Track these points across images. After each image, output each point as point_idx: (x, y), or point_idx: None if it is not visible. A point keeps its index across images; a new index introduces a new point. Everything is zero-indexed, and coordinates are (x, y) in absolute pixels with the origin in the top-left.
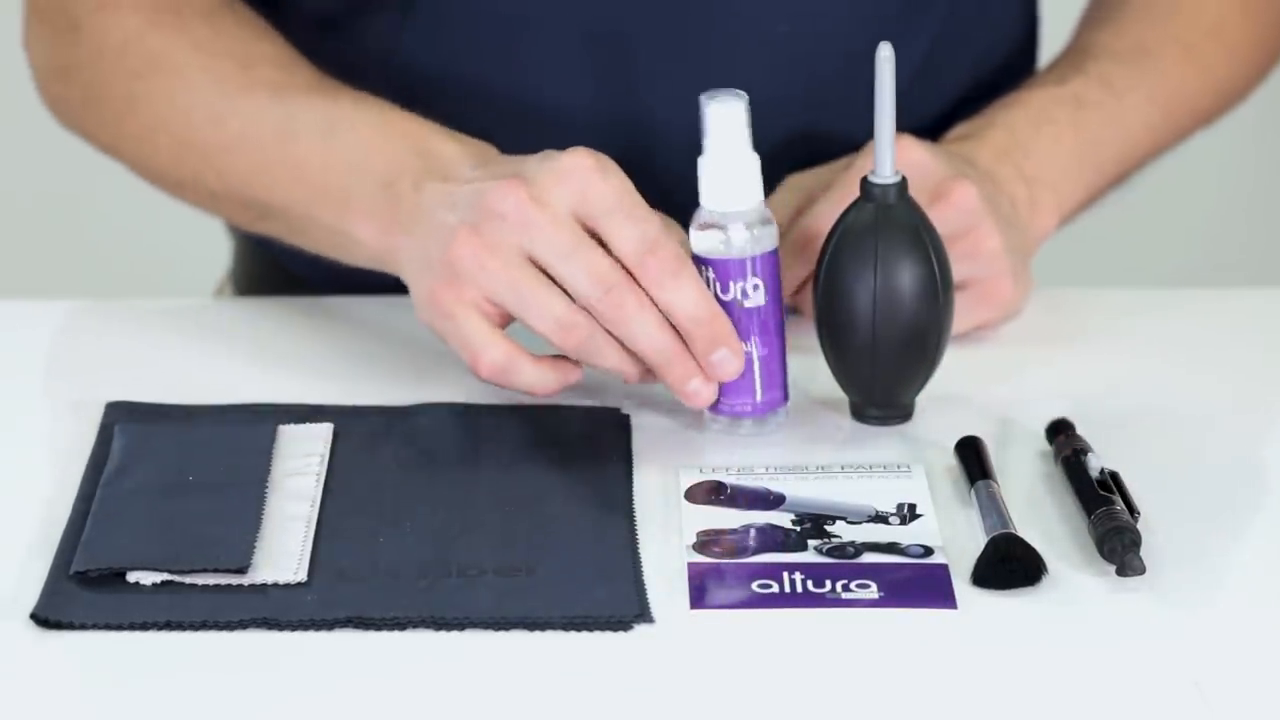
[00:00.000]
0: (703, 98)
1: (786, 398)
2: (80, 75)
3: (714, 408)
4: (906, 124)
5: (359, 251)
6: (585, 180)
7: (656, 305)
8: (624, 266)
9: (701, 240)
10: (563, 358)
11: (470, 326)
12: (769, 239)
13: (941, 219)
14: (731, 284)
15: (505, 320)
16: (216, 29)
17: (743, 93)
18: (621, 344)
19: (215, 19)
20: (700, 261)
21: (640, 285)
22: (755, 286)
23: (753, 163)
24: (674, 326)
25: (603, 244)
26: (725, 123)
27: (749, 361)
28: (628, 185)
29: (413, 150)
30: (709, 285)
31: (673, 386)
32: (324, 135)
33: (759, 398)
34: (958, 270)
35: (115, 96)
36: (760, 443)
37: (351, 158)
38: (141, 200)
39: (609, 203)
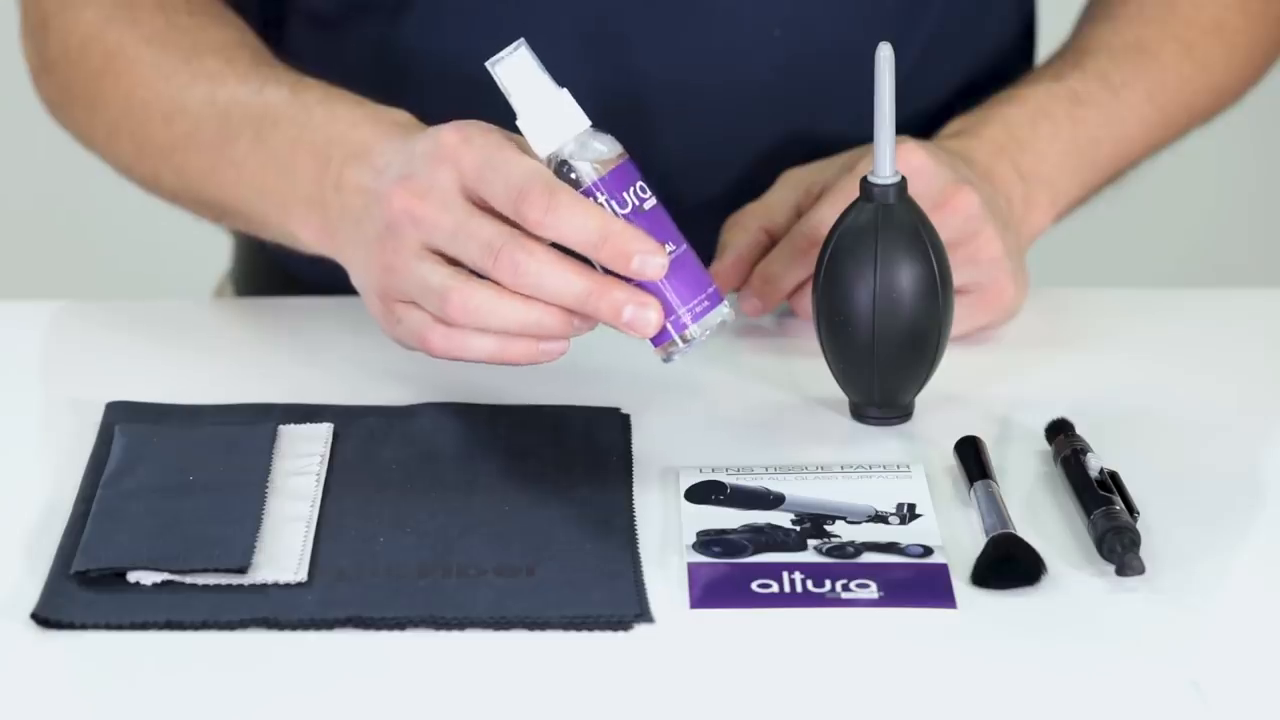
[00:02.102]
0: (488, 64)
1: (722, 296)
2: (55, 74)
3: (662, 336)
4: (903, 118)
5: (312, 249)
6: (455, 154)
7: (553, 242)
8: (510, 223)
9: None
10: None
11: (407, 317)
12: (606, 147)
13: (943, 225)
14: (620, 196)
15: None
16: (169, 19)
17: (519, 40)
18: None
19: (168, 8)
20: (589, 193)
21: (529, 235)
22: (643, 189)
23: (557, 95)
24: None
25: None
26: (515, 76)
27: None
28: (493, 142)
29: (330, 140)
30: (609, 209)
31: (610, 322)
32: (254, 134)
33: (698, 296)
34: (959, 275)
35: (81, 95)
36: (760, 443)
37: (279, 156)
38: (141, 200)
39: (479, 168)
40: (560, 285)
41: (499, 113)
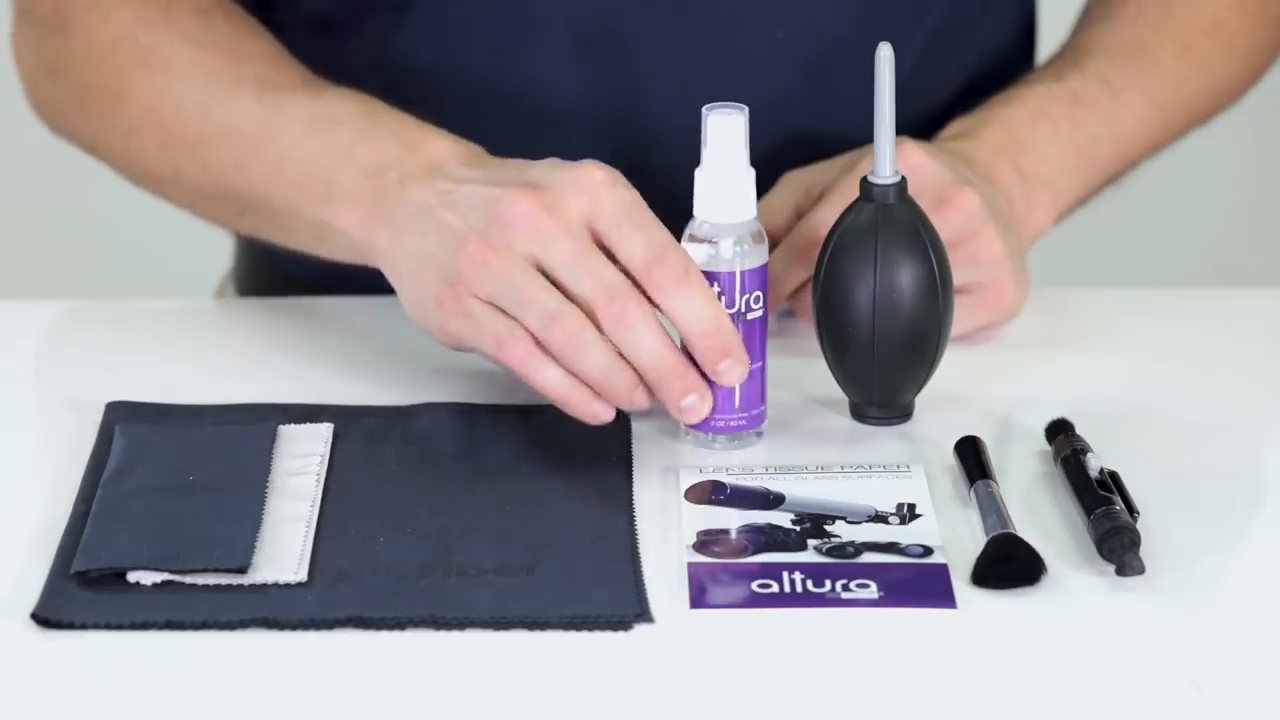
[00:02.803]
0: (705, 109)
1: (763, 419)
2: (69, 74)
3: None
4: (904, 119)
5: (340, 242)
6: (597, 191)
7: (663, 313)
8: (632, 278)
9: (691, 251)
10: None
11: (490, 318)
12: (760, 254)
13: (945, 225)
14: (739, 297)
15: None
16: (206, 25)
17: (743, 106)
18: (617, 354)
19: (205, 15)
20: (707, 274)
21: (647, 295)
22: (757, 299)
23: (748, 177)
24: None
25: (612, 258)
26: (724, 135)
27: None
28: (638, 198)
29: (400, 143)
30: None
31: (668, 401)
32: (308, 128)
33: (744, 411)
34: (959, 275)
35: (104, 92)
36: (760, 443)
37: (335, 149)
38: (141, 201)
39: (619, 214)
40: (652, 350)
41: (496, 116)
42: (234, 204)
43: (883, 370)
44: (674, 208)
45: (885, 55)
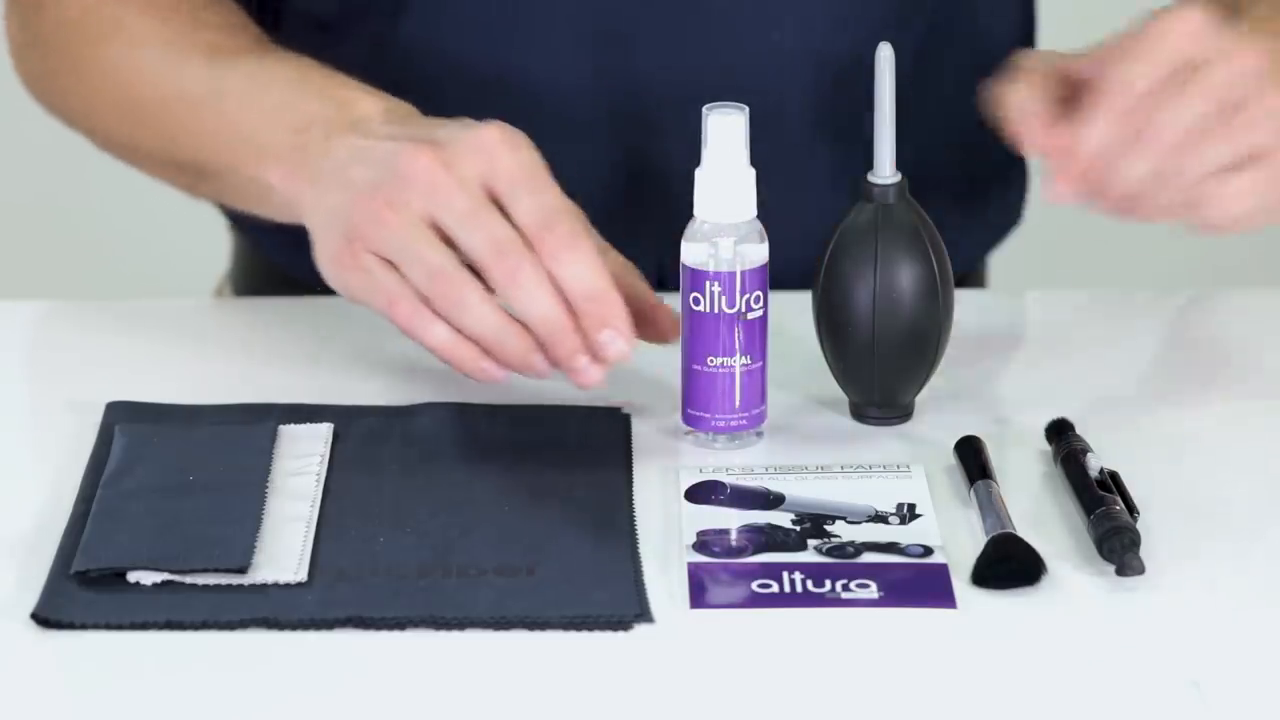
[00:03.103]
0: (705, 109)
1: (763, 420)
2: (44, 46)
3: (696, 422)
4: (903, 118)
5: (273, 199)
6: (495, 152)
7: (552, 279)
8: (524, 238)
9: (691, 251)
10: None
11: (383, 276)
12: (760, 254)
13: (1225, 83)
14: (739, 297)
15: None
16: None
17: (743, 106)
18: (510, 315)
19: None
20: (704, 275)
21: (537, 257)
22: (757, 299)
23: (748, 177)
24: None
25: (508, 218)
26: (724, 135)
27: (733, 374)
28: (537, 161)
29: (329, 102)
30: (713, 298)
31: (561, 362)
32: (246, 91)
33: (744, 411)
34: (1242, 143)
35: (72, 63)
36: (760, 443)
37: (268, 110)
38: (140, 200)
39: (516, 175)
40: (542, 308)
41: (496, 112)
42: (190, 170)
43: (883, 370)
44: (674, 205)
45: (885, 55)
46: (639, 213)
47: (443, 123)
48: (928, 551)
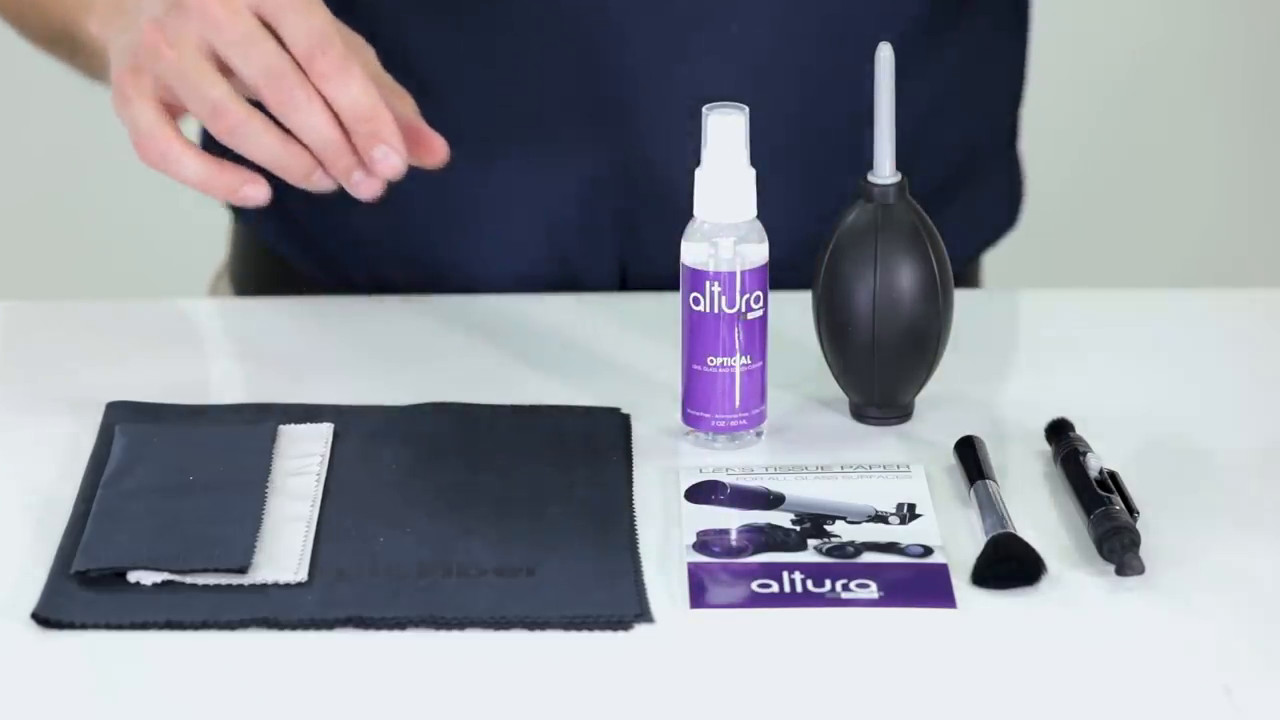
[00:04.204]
0: (705, 109)
1: (763, 419)
2: None
3: (696, 422)
4: (899, 116)
5: (97, 51)
6: None
7: (325, 99)
8: (296, 61)
9: (691, 250)
10: (237, 165)
11: (140, 112)
12: (760, 254)
13: None
14: (739, 297)
15: (181, 114)
16: None
17: (743, 106)
18: (289, 136)
19: None
20: (704, 275)
21: (309, 80)
22: (757, 299)
23: (748, 177)
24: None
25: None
26: (724, 135)
27: (733, 374)
28: None
29: None
30: (713, 298)
31: (340, 175)
32: None
33: (744, 411)
34: None
35: None
36: (760, 443)
37: None
38: (137, 197)
39: (284, 0)
40: (317, 128)
41: (488, 112)
42: (65, 42)
43: (883, 370)
44: (668, 203)
45: (885, 55)
46: (639, 213)
47: None
48: (928, 551)
